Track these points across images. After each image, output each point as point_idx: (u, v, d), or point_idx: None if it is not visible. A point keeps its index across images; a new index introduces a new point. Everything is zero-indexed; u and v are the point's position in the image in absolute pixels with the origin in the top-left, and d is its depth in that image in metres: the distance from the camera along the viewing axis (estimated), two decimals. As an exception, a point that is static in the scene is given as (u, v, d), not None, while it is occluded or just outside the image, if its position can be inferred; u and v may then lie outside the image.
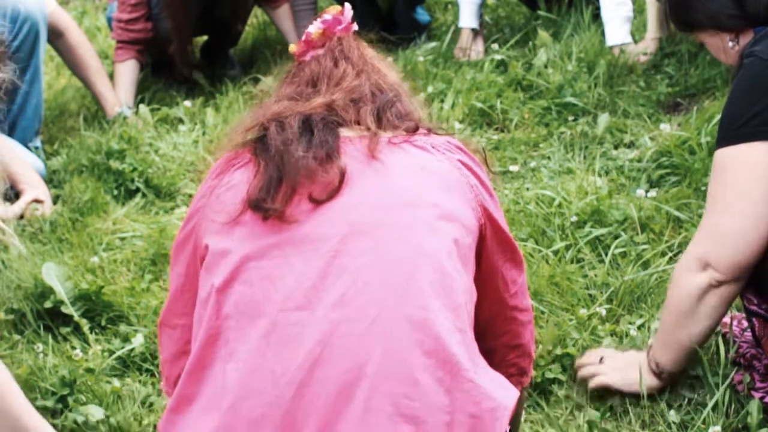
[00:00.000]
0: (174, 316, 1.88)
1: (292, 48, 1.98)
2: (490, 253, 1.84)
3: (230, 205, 1.71)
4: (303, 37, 1.97)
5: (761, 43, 2.20)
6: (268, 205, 1.68)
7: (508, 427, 1.64)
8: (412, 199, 1.70)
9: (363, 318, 1.60)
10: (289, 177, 1.69)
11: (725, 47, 2.36)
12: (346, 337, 1.59)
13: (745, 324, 2.45)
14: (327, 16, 1.96)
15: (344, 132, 1.78)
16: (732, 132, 2.16)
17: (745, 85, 2.18)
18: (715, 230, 2.20)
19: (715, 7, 2.34)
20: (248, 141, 1.78)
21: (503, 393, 1.66)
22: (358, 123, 1.80)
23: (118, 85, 4.57)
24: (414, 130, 1.82)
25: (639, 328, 2.70)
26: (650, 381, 2.42)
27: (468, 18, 4.72)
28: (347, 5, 1.99)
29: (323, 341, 1.59)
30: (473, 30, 4.71)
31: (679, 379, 2.45)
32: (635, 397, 2.47)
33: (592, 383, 2.48)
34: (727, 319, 2.55)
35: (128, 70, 4.60)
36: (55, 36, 4.16)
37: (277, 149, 1.73)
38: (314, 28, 1.95)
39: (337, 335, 1.59)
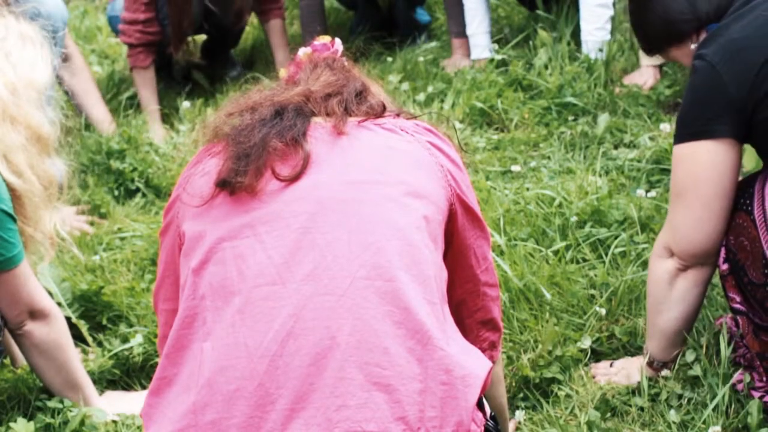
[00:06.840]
0: (159, 302, 1.93)
1: (282, 73, 2.05)
2: (462, 230, 1.88)
3: (204, 189, 1.76)
4: (293, 59, 2.05)
5: (709, 44, 2.26)
6: (236, 180, 1.72)
7: (480, 395, 1.66)
8: (380, 177, 1.75)
9: (334, 291, 1.64)
10: (256, 157, 1.74)
11: (691, 52, 2.40)
12: (318, 310, 1.63)
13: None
14: (317, 43, 2.04)
15: (316, 119, 1.84)
16: (684, 131, 2.29)
17: (693, 87, 2.28)
18: (674, 220, 2.34)
19: (672, 15, 2.38)
20: (224, 128, 1.84)
21: (474, 361, 1.69)
22: (330, 114, 1.85)
23: (147, 91, 4.50)
24: (381, 113, 1.88)
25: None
26: (647, 373, 2.52)
27: (483, 48, 4.58)
28: (337, 39, 2.06)
29: (295, 314, 1.63)
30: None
31: (673, 367, 2.50)
32: (635, 396, 2.48)
33: (600, 380, 2.60)
34: (726, 319, 2.56)
35: (152, 75, 4.54)
36: (62, 60, 4.09)
37: (248, 131, 1.78)
38: (302, 51, 2.03)
39: (308, 308, 1.63)
